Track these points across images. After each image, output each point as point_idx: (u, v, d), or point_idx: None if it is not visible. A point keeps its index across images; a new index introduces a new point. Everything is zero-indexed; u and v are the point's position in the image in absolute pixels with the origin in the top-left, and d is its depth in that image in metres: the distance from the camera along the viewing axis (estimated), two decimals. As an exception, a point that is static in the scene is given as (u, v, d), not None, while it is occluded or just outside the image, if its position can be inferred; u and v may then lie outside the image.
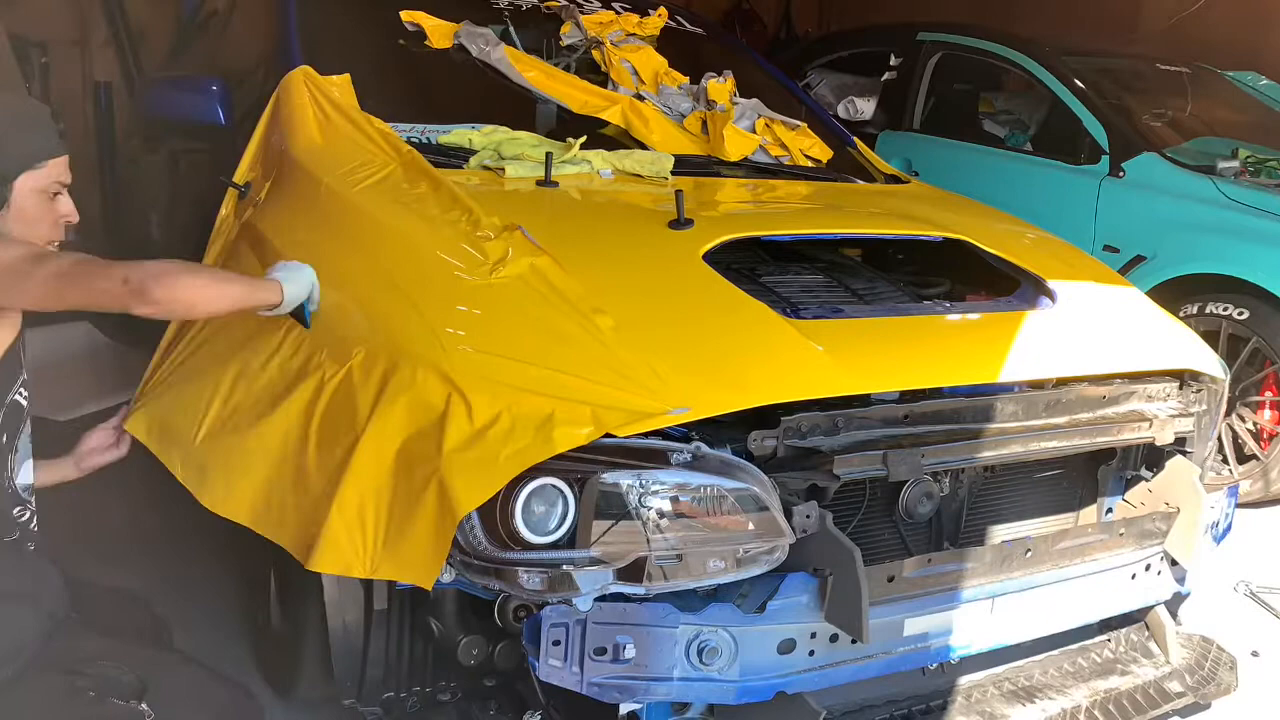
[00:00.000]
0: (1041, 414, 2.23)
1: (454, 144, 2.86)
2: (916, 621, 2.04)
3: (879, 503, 2.21)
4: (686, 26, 3.86)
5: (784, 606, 1.92)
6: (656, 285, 2.25)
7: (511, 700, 2.11)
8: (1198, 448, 2.50)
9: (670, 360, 1.97)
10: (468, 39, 3.20)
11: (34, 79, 5.73)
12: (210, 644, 2.65)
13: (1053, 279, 2.58)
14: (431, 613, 2.05)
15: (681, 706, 1.95)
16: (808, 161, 3.38)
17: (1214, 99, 5.21)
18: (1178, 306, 4.00)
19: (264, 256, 2.51)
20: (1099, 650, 2.45)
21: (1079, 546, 2.24)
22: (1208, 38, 6.21)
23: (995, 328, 2.38)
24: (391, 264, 2.21)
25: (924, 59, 5.31)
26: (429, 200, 2.43)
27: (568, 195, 2.73)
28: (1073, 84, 4.75)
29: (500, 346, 1.94)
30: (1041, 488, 2.48)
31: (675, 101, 3.33)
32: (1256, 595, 3.35)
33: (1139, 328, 2.62)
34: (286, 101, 2.84)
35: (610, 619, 1.84)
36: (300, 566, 1.98)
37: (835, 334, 2.14)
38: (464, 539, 1.79)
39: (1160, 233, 4.29)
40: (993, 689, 2.26)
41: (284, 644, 2.44)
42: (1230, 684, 2.48)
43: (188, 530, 3.12)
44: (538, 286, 2.11)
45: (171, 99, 3.15)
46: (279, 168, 2.72)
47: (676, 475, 1.83)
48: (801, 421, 1.97)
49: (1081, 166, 4.60)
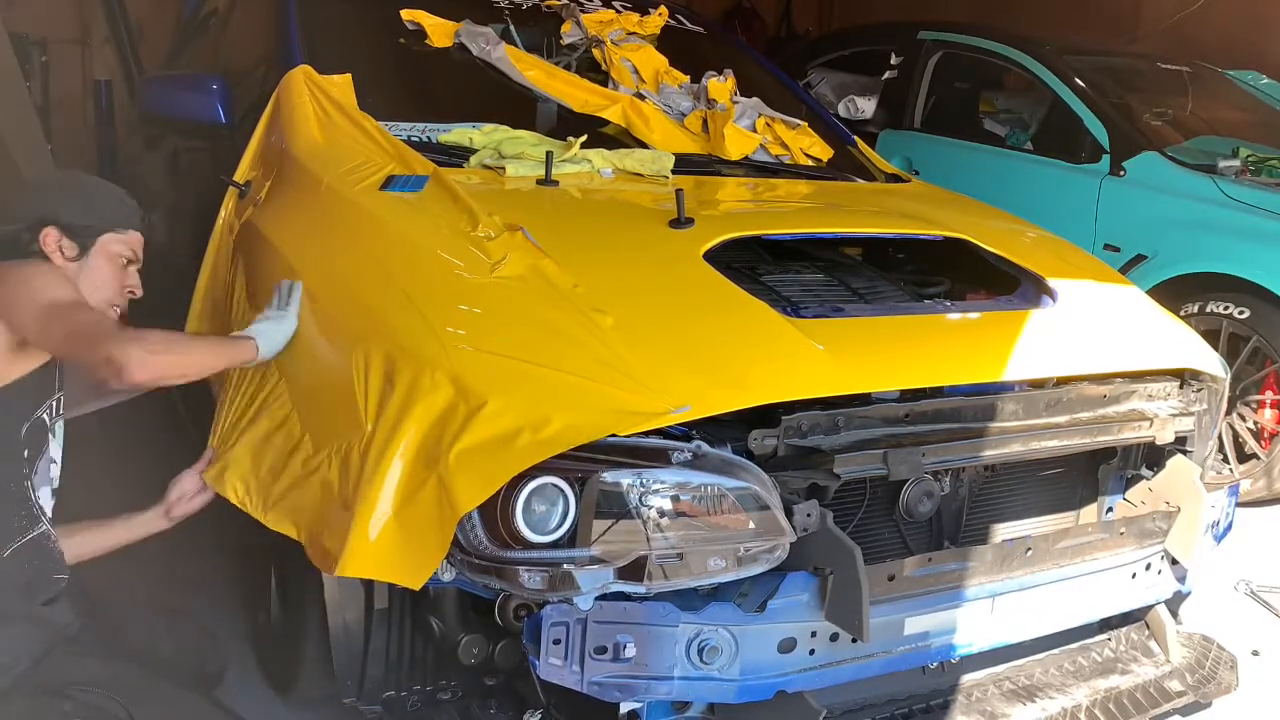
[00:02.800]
0: (1042, 413, 2.22)
1: (454, 143, 2.86)
2: (917, 620, 2.04)
3: (879, 502, 2.21)
4: (687, 25, 3.86)
5: (784, 605, 1.91)
6: (657, 284, 2.24)
7: (512, 699, 2.11)
8: (1198, 447, 2.50)
9: (671, 359, 1.97)
10: (468, 38, 3.20)
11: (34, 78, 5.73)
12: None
13: (1053, 278, 2.58)
14: (432, 612, 2.05)
15: (682, 705, 1.95)
16: (808, 160, 3.38)
17: (1215, 98, 5.21)
18: (1178, 305, 4.00)
19: (264, 256, 2.52)
20: (1099, 649, 2.45)
21: (1079, 546, 2.24)
22: (1208, 37, 6.22)
23: (996, 327, 2.38)
24: (392, 263, 2.21)
25: (925, 58, 5.31)
26: (430, 199, 2.43)
27: (568, 194, 2.72)
28: (1073, 83, 4.75)
29: (500, 345, 1.94)
30: (1042, 487, 2.48)
31: (676, 100, 3.33)
32: (1257, 594, 3.35)
33: (1139, 327, 2.62)
34: (287, 100, 2.84)
35: (611, 618, 1.83)
36: (300, 565, 1.99)
37: (836, 333, 2.14)
38: (464, 538, 1.79)
39: (1161, 232, 4.28)
40: (993, 688, 2.26)
41: (284, 643, 2.44)
42: (1230, 683, 2.48)
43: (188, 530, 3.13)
44: (538, 285, 2.11)
45: (172, 97, 3.15)
46: (279, 167, 2.72)
47: (677, 474, 1.83)
48: (802, 420, 1.97)
49: (1082, 165, 4.60)
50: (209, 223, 2.86)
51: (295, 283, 2.22)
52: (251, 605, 2.68)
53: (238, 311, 2.54)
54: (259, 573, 2.58)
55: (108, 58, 6.31)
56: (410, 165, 2.56)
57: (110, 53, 6.32)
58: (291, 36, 3.10)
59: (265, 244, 2.51)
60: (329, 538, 1.90)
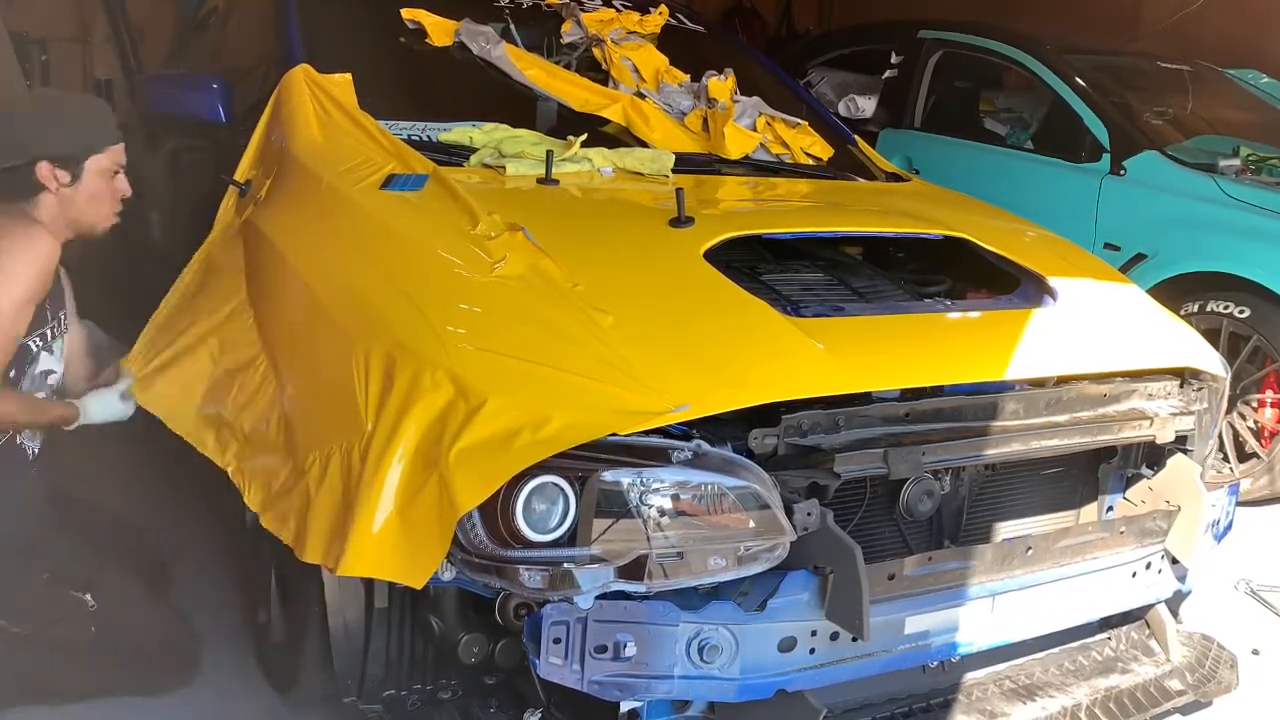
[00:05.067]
0: (1042, 412, 2.22)
1: (454, 142, 2.86)
2: (917, 619, 2.04)
3: (880, 501, 2.21)
4: (687, 24, 3.85)
5: (785, 604, 1.91)
6: (657, 283, 2.24)
7: (512, 698, 2.11)
8: (1198, 446, 2.50)
9: (671, 358, 1.97)
10: (468, 37, 3.20)
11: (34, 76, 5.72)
12: (210, 642, 2.66)
13: (1053, 277, 2.58)
14: (432, 611, 2.05)
15: (682, 704, 1.95)
16: (808, 159, 3.38)
17: (1215, 97, 5.21)
18: (1179, 305, 3.99)
19: (264, 255, 2.52)
20: (1099, 648, 2.45)
21: (1080, 545, 2.24)
22: (1208, 36, 6.22)
23: (996, 326, 2.38)
24: (392, 261, 2.21)
25: (925, 57, 5.30)
26: (430, 198, 2.43)
27: (568, 193, 2.72)
28: (1074, 82, 4.74)
29: (501, 344, 1.94)
30: (1042, 486, 2.48)
31: (676, 99, 3.33)
32: (1257, 593, 3.35)
33: (1140, 326, 2.62)
34: (287, 100, 2.84)
35: (611, 617, 1.83)
36: (300, 565, 1.99)
37: (836, 332, 2.14)
38: (465, 537, 1.79)
39: (1161, 231, 4.28)
40: (993, 687, 2.26)
41: (285, 642, 2.44)
42: (1231, 682, 2.48)
43: (189, 530, 3.13)
44: (538, 284, 2.11)
45: (172, 96, 3.15)
46: (280, 166, 2.72)
47: (677, 473, 1.83)
48: (802, 419, 1.97)
49: (1082, 164, 4.59)
50: (209, 222, 2.85)
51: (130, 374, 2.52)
52: (251, 605, 2.67)
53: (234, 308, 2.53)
54: (259, 573, 2.58)
55: (108, 57, 6.31)
56: (410, 164, 2.56)
57: (110, 52, 6.32)
58: (291, 35, 3.10)
59: (265, 243, 2.51)
60: (330, 537, 1.90)
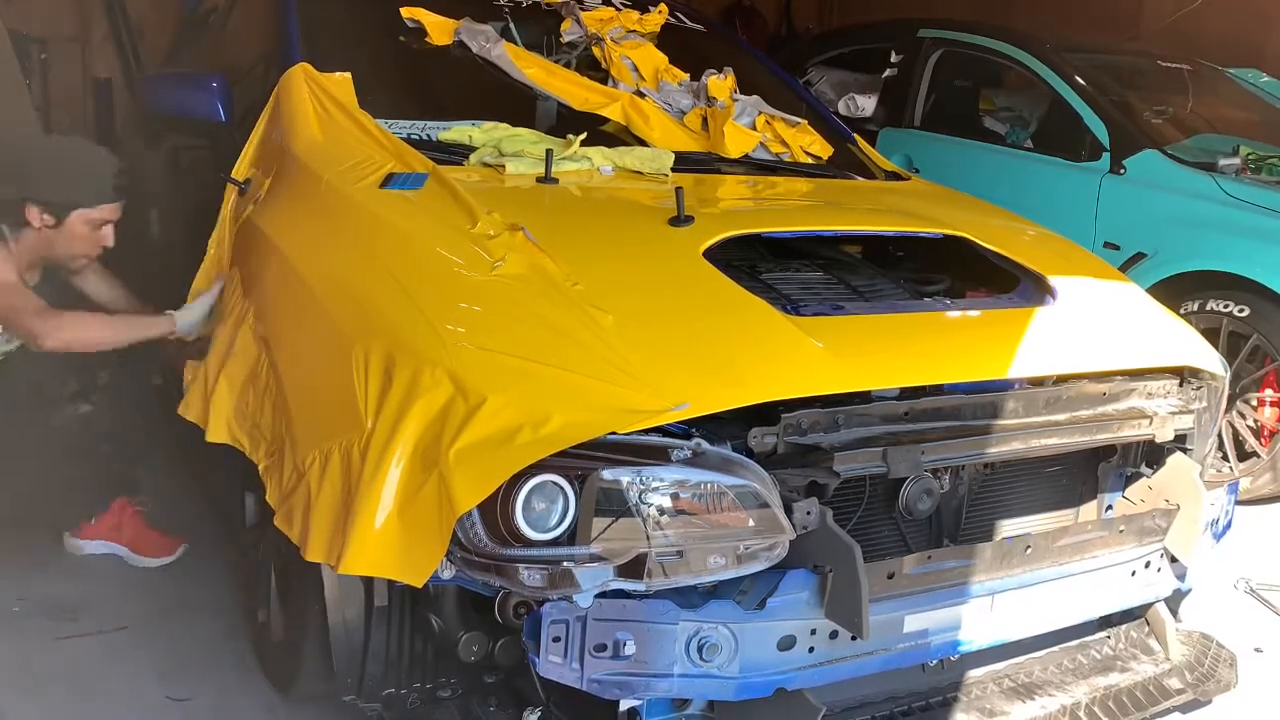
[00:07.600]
0: (1042, 411, 2.22)
1: (454, 141, 2.86)
2: (916, 618, 2.03)
3: (879, 499, 2.21)
4: (687, 23, 3.85)
5: (784, 603, 1.91)
6: (657, 282, 2.24)
7: (512, 696, 2.11)
8: (1198, 445, 2.50)
9: (670, 357, 1.97)
10: (468, 36, 3.19)
11: (34, 76, 5.72)
12: (210, 641, 2.66)
13: (1053, 276, 2.58)
14: (432, 609, 2.05)
15: (682, 703, 1.95)
16: (808, 158, 3.38)
17: (1215, 96, 5.21)
18: (1178, 304, 3.99)
19: (263, 253, 2.52)
20: (1099, 647, 2.45)
21: (1079, 543, 2.24)
22: (1208, 35, 6.21)
23: (995, 325, 2.38)
24: (392, 260, 2.21)
25: (925, 56, 5.30)
26: (429, 197, 2.43)
27: (568, 192, 2.72)
28: (1074, 81, 4.74)
29: (500, 343, 1.94)
30: (1042, 484, 2.48)
31: (676, 98, 3.33)
32: (1257, 592, 3.35)
33: (1139, 325, 2.62)
34: (287, 98, 2.84)
35: (610, 615, 1.83)
36: (300, 563, 1.99)
37: (835, 331, 2.14)
38: (464, 536, 1.79)
39: (1161, 230, 4.28)
40: (993, 685, 2.26)
41: (284, 640, 2.44)
42: (1230, 681, 2.48)
43: (188, 529, 3.14)
44: (538, 283, 2.11)
45: (172, 95, 3.15)
46: (279, 164, 2.72)
47: (677, 472, 1.83)
48: (802, 418, 1.97)
49: (1082, 163, 4.59)
50: (209, 220, 2.85)
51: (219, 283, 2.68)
52: (251, 604, 2.68)
53: (235, 306, 2.54)
54: (259, 571, 2.58)
55: (108, 56, 6.30)
56: (410, 163, 2.56)
57: (110, 51, 6.31)
58: (291, 34, 3.10)
59: (265, 241, 2.52)
60: (331, 535, 1.90)
